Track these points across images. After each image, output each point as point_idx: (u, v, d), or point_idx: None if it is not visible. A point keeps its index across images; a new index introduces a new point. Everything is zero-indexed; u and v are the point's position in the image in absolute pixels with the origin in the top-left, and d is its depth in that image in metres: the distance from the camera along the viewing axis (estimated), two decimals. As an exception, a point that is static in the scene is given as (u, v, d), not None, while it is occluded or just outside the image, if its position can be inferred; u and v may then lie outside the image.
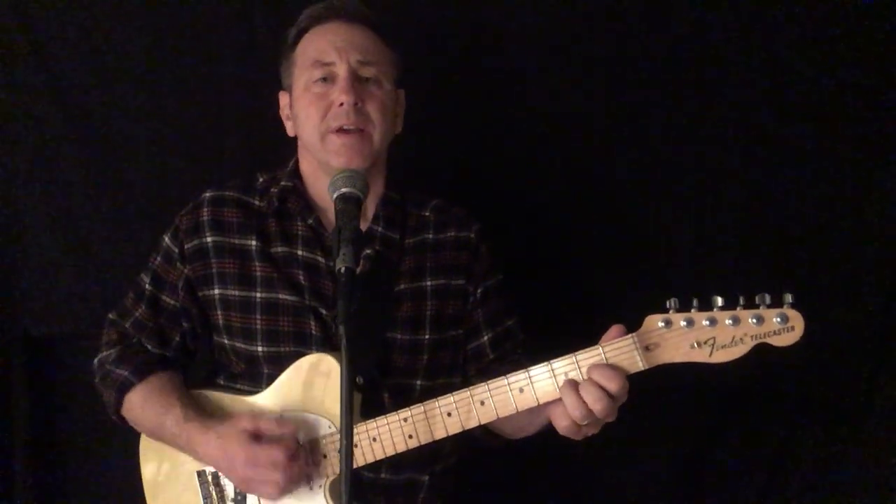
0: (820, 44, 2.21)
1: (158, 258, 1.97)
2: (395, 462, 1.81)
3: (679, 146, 2.29)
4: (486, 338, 1.96)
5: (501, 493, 2.40)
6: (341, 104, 1.80)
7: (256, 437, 1.72)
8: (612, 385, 1.56)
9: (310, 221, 1.91)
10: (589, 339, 1.63)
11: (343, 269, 1.50)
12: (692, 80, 2.26)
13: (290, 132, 1.96)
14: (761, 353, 1.52)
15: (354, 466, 1.73)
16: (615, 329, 1.61)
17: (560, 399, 1.60)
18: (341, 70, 1.83)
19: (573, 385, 1.59)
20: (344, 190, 1.64)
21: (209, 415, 1.83)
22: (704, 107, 2.27)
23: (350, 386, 1.46)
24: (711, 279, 2.28)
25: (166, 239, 1.96)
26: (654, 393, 2.14)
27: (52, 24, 2.27)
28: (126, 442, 2.03)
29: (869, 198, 2.26)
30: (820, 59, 2.21)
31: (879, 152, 2.25)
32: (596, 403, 1.56)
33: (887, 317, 2.30)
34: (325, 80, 1.84)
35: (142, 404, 1.88)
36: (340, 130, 1.82)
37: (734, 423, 2.40)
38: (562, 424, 1.64)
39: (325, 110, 1.82)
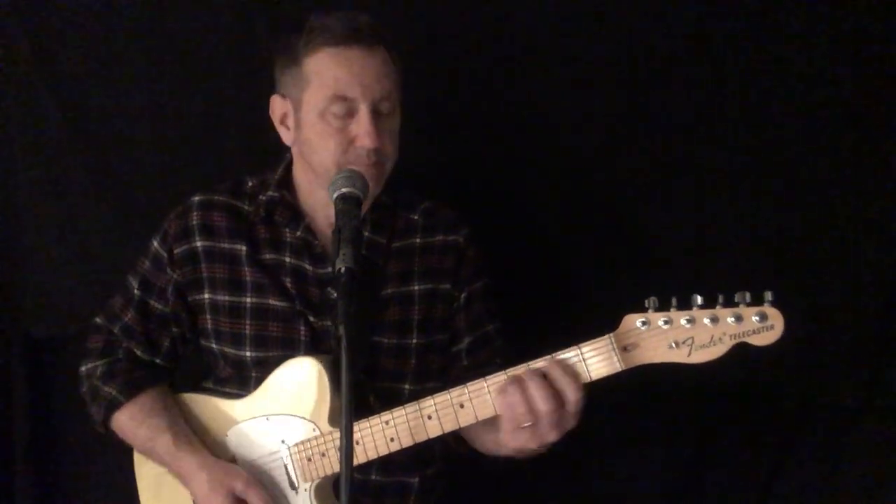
0: (820, 44, 2.20)
1: (147, 262, 1.95)
2: (386, 464, 1.82)
3: (676, 147, 2.28)
4: (464, 342, 1.95)
5: (493, 497, 2.38)
6: (362, 145, 1.75)
7: (239, 501, 1.77)
8: (569, 392, 1.55)
9: (298, 233, 1.89)
10: (579, 340, 1.62)
11: (343, 269, 1.50)
12: (690, 80, 2.25)
13: (287, 140, 1.88)
14: (762, 352, 1.51)
15: (337, 470, 1.75)
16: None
17: None
18: (363, 108, 1.74)
19: (520, 380, 1.57)
20: (344, 190, 1.65)
21: (199, 446, 1.85)
22: (702, 107, 2.26)
23: (350, 385, 1.46)
24: (710, 280, 2.24)
25: (155, 243, 1.95)
26: (653, 393, 2.15)
27: (52, 24, 2.27)
28: (126, 442, 2.03)
29: (869, 198, 2.25)
30: (820, 59, 2.21)
31: (879, 152, 2.24)
32: (543, 403, 1.54)
33: (887, 317, 2.29)
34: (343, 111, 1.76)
35: (131, 425, 1.90)
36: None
37: (734, 423, 2.40)
38: (507, 430, 1.60)
39: (345, 145, 1.76)
